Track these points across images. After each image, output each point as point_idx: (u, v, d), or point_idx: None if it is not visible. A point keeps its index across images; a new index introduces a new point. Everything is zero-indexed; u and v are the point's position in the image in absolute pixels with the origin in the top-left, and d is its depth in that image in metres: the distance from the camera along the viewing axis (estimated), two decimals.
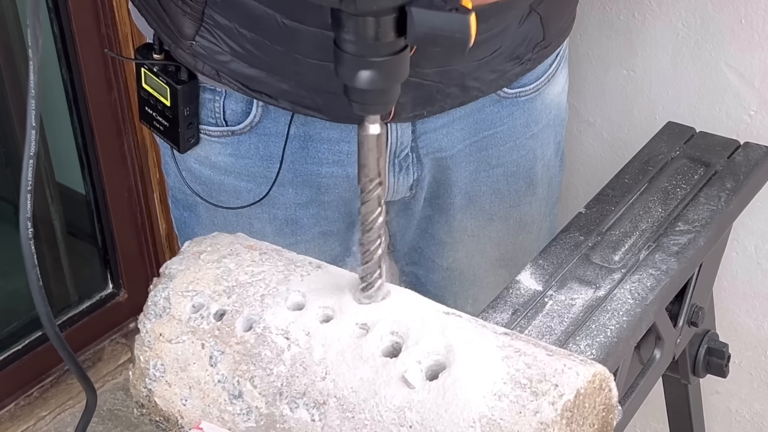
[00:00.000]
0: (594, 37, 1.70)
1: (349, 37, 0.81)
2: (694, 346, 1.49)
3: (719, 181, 1.40)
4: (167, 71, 1.31)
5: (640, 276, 1.23)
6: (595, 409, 0.90)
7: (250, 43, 1.23)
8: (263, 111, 1.31)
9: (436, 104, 1.29)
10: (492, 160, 1.40)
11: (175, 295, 0.97)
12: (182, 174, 1.39)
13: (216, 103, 1.32)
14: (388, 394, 0.87)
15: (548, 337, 1.15)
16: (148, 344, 0.97)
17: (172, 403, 0.96)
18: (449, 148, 1.37)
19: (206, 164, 1.36)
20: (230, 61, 1.25)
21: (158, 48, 1.31)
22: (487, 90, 1.33)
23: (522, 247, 1.49)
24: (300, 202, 1.37)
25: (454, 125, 1.35)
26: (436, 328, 0.90)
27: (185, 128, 1.33)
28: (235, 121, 1.32)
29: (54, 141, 2.40)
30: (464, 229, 1.46)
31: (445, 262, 1.50)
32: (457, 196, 1.42)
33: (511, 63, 1.31)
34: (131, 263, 2.51)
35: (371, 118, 0.86)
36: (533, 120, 1.41)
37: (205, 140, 1.34)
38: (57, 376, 2.40)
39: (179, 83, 1.30)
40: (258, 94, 1.27)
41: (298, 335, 0.91)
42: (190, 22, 1.24)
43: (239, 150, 1.33)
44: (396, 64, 0.83)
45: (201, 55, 1.26)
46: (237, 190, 1.36)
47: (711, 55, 1.60)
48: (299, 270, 0.97)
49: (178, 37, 1.26)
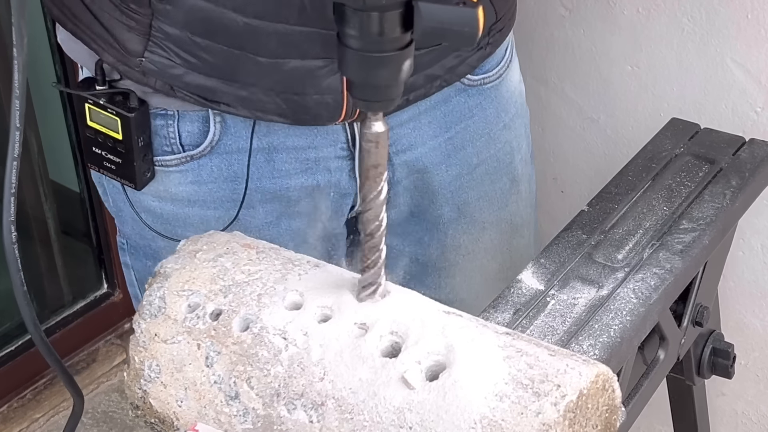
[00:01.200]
0: (598, 32, 1.70)
1: (353, 33, 0.81)
2: (698, 347, 1.49)
3: (724, 179, 1.40)
4: (114, 101, 1.25)
5: (643, 275, 1.23)
6: (598, 410, 0.90)
7: (205, 51, 1.19)
8: (222, 127, 1.27)
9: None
10: (471, 158, 1.40)
11: (171, 294, 0.97)
12: (140, 216, 1.33)
13: (170, 128, 1.27)
14: (388, 394, 0.87)
15: (550, 337, 1.15)
16: (143, 345, 0.97)
17: (168, 404, 0.96)
18: (419, 144, 1.35)
19: (166, 199, 1.31)
20: (184, 74, 1.21)
21: (101, 79, 1.25)
22: (450, 79, 1.32)
23: (517, 253, 1.49)
24: (270, 220, 1.33)
25: (421, 119, 1.34)
26: (437, 327, 0.90)
27: (141, 161, 1.26)
28: (192, 143, 1.27)
29: (48, 138, 2.40)
30: (458, 248, 1.44)
31: (442, 293, 1.46)
32: (444, 206, 1.40)
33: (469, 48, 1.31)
34: None
35: (374, 115, 0.86)
36: (502, 109, 1.41)
37: (162, 173, 1.29)
38: (50, 378, 2.40)
39: (130, 111, 1.24)
40: (216, 104, 1.23)
41: (295, 335, 0.91)
42: (136, 37, 1.19)
43: (200, 176, 1.29)
44: (402, 59, 0.83)
45: (152, 72, 1.21)
46: (204, 221, 1.31)
47: (717, 50, 1.61)
48: (297, 269, 0.97)
49: (124, 55, 1.21)
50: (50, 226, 2.46)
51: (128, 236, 1.38)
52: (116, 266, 2.50)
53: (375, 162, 0.87)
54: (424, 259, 1.45)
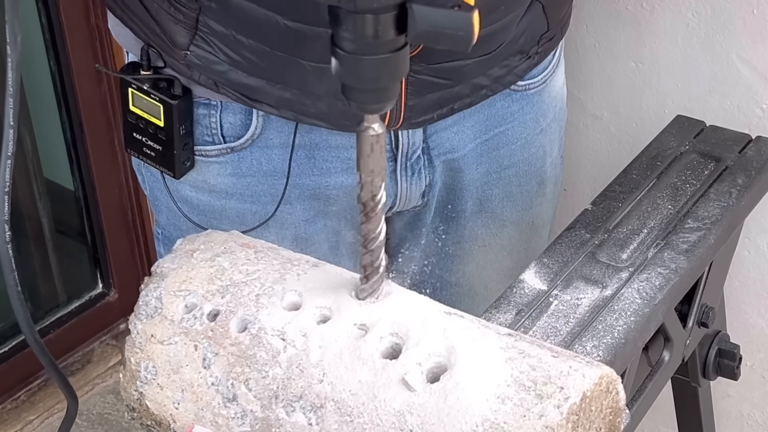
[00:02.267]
0: (601, 27, 1.70)
1: (347, 35, 0.81)
2: (704, 348, 1.49)
3: (730, 177, 1.40)
4: (158, 87, 1.26)
5: (648, 275, 1.23)
6: (602, 412, 0.90)
7: (249, 50, 1.20)
8: (264, 121, 1.28)
9: (445, 107, 1.29)
10: (504, 160, 1.40)
11: (167, 294, 0.97)
12: (178, 206, 1.34)
13: (212, 118, 1.28)
14: (388, 397, 0.87)
15: (553, 338, 1.15)
16: (139, 346, 0.97)
17: (164, 406, 0.96)
18: (460, 148, 1.36)
19: (204, 189, 1.32)
20: (228, 71, 1.22)
21: (146, 65, 1.26)
22: (496, 88, 1.32)
23: (533, 252, 1.48)
24: (308, 218, 1.34)
25: (465, 122, 1.35)
26: (438, 328, 0.90)
27: (181, 149, 1.27)
28: (234, 135, 1.29)
29: (42, 135, 2.40)
30: (475, 239, 1.45)
31: (453, 277, 1.48)
32: (468, 201, 1.41)
33: (517, 57, 1.31)
34: (122, 262, 2.51)
35: (371, 117, 0.86)
36: (542, 114, 1.41)
37: (202, 162, 1.30)
38: (45, 379, 2.40)
39: (174, 98, 1.25)
40: (259, 104, 1.24)
41: (294, 336, 0.91)
42: (183, 30, 1.21)
43: (240, 168, 1.30)
44: (396, 61, 0.83)
45: (197, 66, 1.23)
46: (240, 214, 1.33)
47: (722, 46, 1.60)
48: (296, 269, 0.97)
49: (170, 47, 1.23)
50: (44, 224, 2.46)
51: (163, 226, 1.40)
52: (111, 266, 2.50)
53: (373, 165, 0.87)
54: (439, 244, 1.45)
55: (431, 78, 1.24)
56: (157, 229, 1.42)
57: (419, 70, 1.22)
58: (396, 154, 1.32)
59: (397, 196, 1.36)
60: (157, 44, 1.24)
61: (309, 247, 1.35)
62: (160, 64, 1.26)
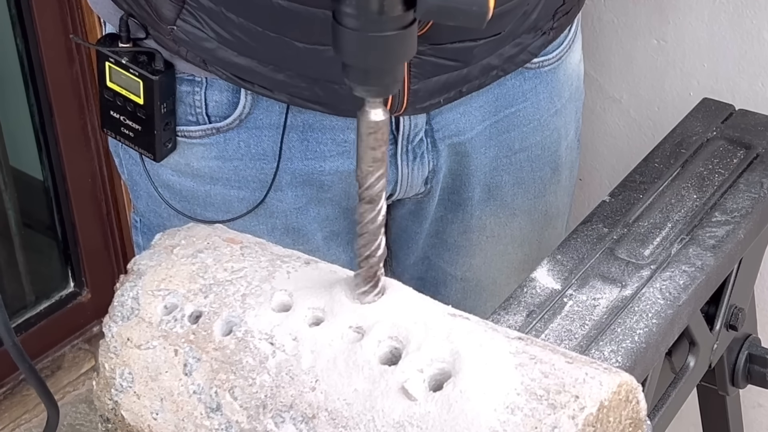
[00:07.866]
0: (620, 2, 1.71)
1: (350, 11, 0.81)
2: (733, 353, 1.49)
3: (761, 166, 1.40)
4: (138, 61, 1.26)
5: (671, 273, 1.24)
6: (621, 423, 0.90)
7: (239, 29, 1.20)
8: (253, 100, 1.28)
9: (453, 90, 1.29)
10: (515, 143, 1.40)
11: (145, 294, 0.97)
12: (159, 191, 1.34)
13: (196, 96, 1.28)
14: (386, 407, 0.87)
15: (568, 342, 1.15)
16: (114, 350, 0.97)
17: (142, 416, 0.96)
18: (467, 130, 1.36)
19: (187, 174, 1.32)
20: (217, 49, 1.22)
21: (125, 36, 1.25)
22: (508, 68, 1.33)
23: (547, 244, 1.49)
24: (300, 205, 1.34)
25: (472, 103, 1.35)
26: (441, 332, 0.90)
27: (162, 130, 1.27)
28: (220, 115, 1.29)
29: (7, 120, 2.41)
30: (482, 229, 1.45)
31: (459, 271, 1.49)
32: (475, 188, 1.41)
33: (531, 34, 1.32)
34: (95, 259, 2.52)
35: (373, 102, 0.86)
36: (556, 94, 1.41)
37: (185, 144, 1.30)
38: (11, 386, 2.40)
39: (155, 74, 1.25)
40: (251, 85, 1.25)
41: (284, 340, 0.91)
42: (169, 3, 1.21)
43: (226, 151, 1.30)
44: (403, 40, 0.83)
45: (184, 42, 1.23)
46: (226, 201, 1.33)
47: (752, 22, 1.61)
48: (285, 266, 0.97)
49: (155, 20, 1.23)
50: (10, 217, 2.47)
51: (142, 213, 1.40)
52: (84, 263, 2.51)
53: (374, 152, 0.87)
54: (443, 235, 1.46)
55: (437, 59, 1.24)
56: (135, 216, 1.42)
57: (424, 50, 1.22)
58: (396, 137, 1.32)
59: (397, 183, 1.36)
60: (141, 16, 1.24)
61: (301, 238, 1.36)
62: (141, 35, 1.26)
